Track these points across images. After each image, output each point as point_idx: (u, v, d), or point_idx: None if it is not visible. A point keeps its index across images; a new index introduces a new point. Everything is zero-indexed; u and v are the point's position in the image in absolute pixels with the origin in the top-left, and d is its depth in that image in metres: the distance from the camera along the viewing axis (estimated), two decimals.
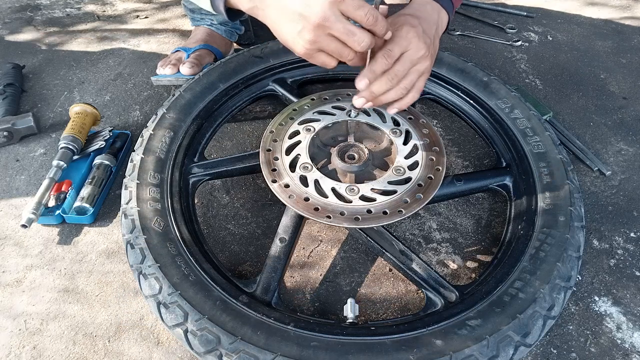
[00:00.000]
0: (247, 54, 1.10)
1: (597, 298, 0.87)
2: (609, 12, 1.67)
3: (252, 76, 1.08)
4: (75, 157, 1.06)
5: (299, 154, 0.88)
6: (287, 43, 0.75)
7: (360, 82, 0.79)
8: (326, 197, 0.82)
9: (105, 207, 1.02)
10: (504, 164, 0.98)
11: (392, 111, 0.87)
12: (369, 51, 0.77)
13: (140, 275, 0.74)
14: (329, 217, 0.79)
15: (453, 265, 0.92)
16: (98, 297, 0.87)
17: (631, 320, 0.84)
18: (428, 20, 0.86)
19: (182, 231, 0.80)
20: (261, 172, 0.86)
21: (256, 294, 0.77)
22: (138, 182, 0.84)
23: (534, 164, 0.91)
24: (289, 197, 0.82)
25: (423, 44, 0.79)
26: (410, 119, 0.95)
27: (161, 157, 0.89)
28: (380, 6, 0.77)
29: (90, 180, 1.01)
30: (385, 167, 0.92)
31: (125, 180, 0.86)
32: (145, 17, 1.66)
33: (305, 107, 0.97)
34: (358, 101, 0.82)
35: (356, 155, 0.91)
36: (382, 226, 0.84)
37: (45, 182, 0.98)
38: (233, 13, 0.86)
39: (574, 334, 0.82)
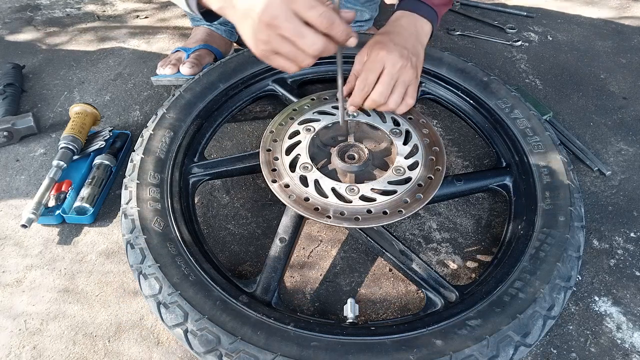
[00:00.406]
0: (247, 54, 1.10)
1: (597, 298, 0.87)
2: (609, 12, 1.67)
3: (252, 76, 1.08)
4: (75, 157, 1.06)
5: (299, 154, 0.88)
6: (247, 43, 0.72)
7: (349, 109, 0.89)
8: (326, 197, 0.82)
9: (105, 207, 1.02)
10: (504, 164, 0.98)
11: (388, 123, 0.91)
12: (339, 77, 0.78)
13: (140, 275, 0.74)
14: (329, 217, 0.79)
15: (453, 265, 0.92)
16: (98, 297, 0.87)
17: (631, 320, 0.84)
18: (402, 33, 0.89)
19: (182, 231, 0.80)
20: (261, 172, 0.86)
21: (256, 294, 0.77)
22: (138, 182, 0.84)
23: (534, 164, 0.91)
24: (289, 197, 0.82)
25: (398, 57, 0.82)
26: (410, 119, 0.95)
27: (161, 157, 0.89)
28: (345, 10, 0.71)
29: (90, 180, 1.01)
30: (385, 167, 0.92)
31: (125, 180, 0.86)
32: (145, 17, 1.66)
33: (305, 107, 0.97)
34: (351, 108, 0.89)
35: (356, 155, 0.91)
36: (382, 226, 0.84)
37: (45, 182, 0.98)
38: (208, 14, 0.83)
39: (574, 334, 0.82)
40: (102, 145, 1.09)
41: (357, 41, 0.70)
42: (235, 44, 1.43)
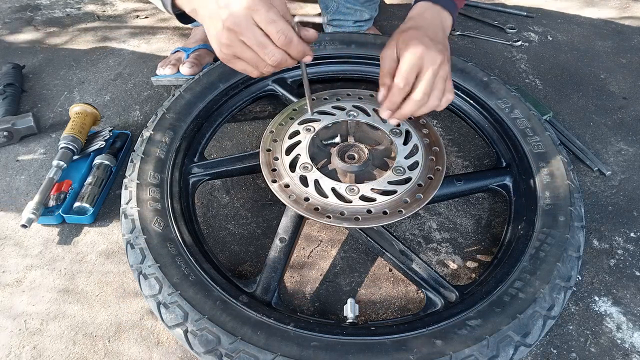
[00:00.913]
0: None
1: (597, 298, 0.87)
2: (609, 12, 1.67)
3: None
4: (75, 157, 1.06)
5: (299, 154, 0.88)
6: (212, 46, 0.74)
7: (383, 114, 0.82)
8: (326, 197, 0.82)
9: (105, 207, 1.02)
10: (504, 164, 0.98)
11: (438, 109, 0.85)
12: (306, 83, 0.79)
13: (140, 275, 0.74)
14: (329, 217, 0.79)
15: (453, 265, 0.92)
16: (98, 297, 0.87)
17: (631, 320, 0.84)
18: (431, 27, 0.85)
19: (182, 231, 0.80)
20: (261, 172, 0.86)
21: (256, 294, 0.77)
22: (138, 182, 0.84)
23: (534, 164, 0.91)
24: (289, 197, 0.82)
25: (436, 53, 0.78)
26: (410, 119, 0.95)
27: (161, 157, 0.89)
28: (307, 30, 0.74)
29: (90, 180, 1.01)
30: (385, 167, 0.92)
31: (125, 180, 0.86)
32: (145, 17, 1.66)
33: (306, 107, 0.97)
34: (392, 121, 0.84)
35: (356, 155, 0.91)
36: (382, 226, 0.84)
37: (45, 182, 0.98)
38: (182, 16, 0.84)
39: (574, 334, 0.82)
40: (102, 145, 1.09)
41: (311, 59, 0.75)
42: None
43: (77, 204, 0.98)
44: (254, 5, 0.66)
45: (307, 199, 0.81)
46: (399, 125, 0.93)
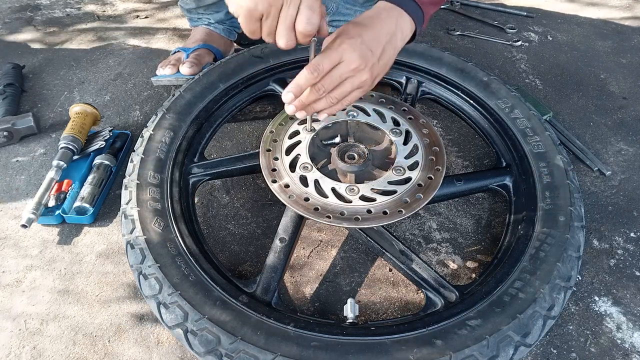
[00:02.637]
0: (247, 54, 1.10)
1: (597, 298, 0.87)
2: (609, 12, 1.67)
3: (252, 76, 1.07)
4: (75, 157, 1.06)
5: (299, 154, 0.88)
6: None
7: (285, 96, 0.76)
8: (326, 197, 0.82)
9: (105, 207, 1.02)
10: (504, 164, 0.98)
11: (321, 117, 0.81)
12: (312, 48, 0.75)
13: (140, 276, 0.74)
14: (329, 217, 0.79)
15: (453, 265, 0.92)
16: (98, 297, 0.87)
17: (631, 320, 0.84)
18: (377, 29, 0.78)
19: (182, 231, 0.80)
20: (261, 172, 0.86)
21: (256, 294, 0.77)
22: (138, 182, 0.84)
23: (534, 164, 0.91)
24: (289, 197, 0.82)
25: (357, 57, 0.73)
26: (410, 119, 0.95)
27: (161, 157, 0.89)
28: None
29: (90, 180, 1.01)
30: (385, 167, 0.92)
31: (125, 180, 0.86)
32: (145, 17, 1.66)
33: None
34: (288, 108, 0.78)
35: (356, 155, 0.91)
36: (382, 226, 0.84)
37: (45, 182, 0.98)
38: None
39: (574, 334, 0.82)
40: (102, 145, 1.09)
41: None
42: (235, 44, 1.43)
43: (77, 204, 0.98)
44: None
45: (307, 199, 0.81)
46: (398, 124, 0.93)
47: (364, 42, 0.75)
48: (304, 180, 0.84)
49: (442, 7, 1.65)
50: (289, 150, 0.89)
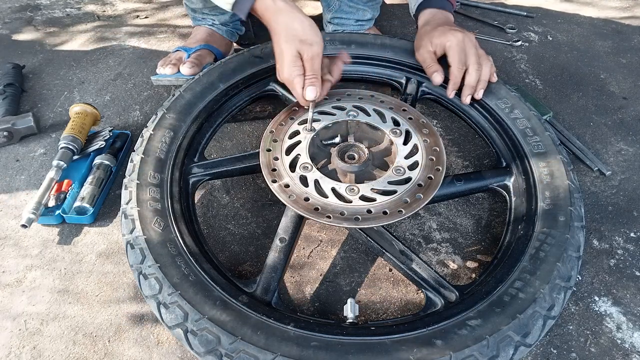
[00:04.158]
0: (247, 54, 1.10)
1: (597, 298, 0.87)
2: (609, 12, 1.67)
3: (252, 76, 1.07)
4: (75, 157, 1.06)
5: (299, 154, 0.88)
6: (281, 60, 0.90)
7: (451, 94, 1.03)
8: (326, 197, 0.82)
9: (105, 207, 1.02)
10: (504, 164, 0.98)
11: (494, 79, 1.03)
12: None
13: (140, 276, 0.74)
14: (329, 217, 0.79)
15: (453, 265, 0.92)
16: (98, 297, 0.87)
17: (631, 320, 0.84)
18: (447, 23, 1.06)
19: (182, 231, 0.80)
20: (261, 172, 0.86)
21: (256, 294, 0.77)
22: (138, 182, 0.84)
23: (534, 164, 0.91)
24: (289, 197, 0.81)
25: (466, 34, 0.98)
26: (410, 119, 0.95)
27: (161, 157, 0.89)
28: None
29: (90, 180, 1.01)
30: (385, 167, 0.92)
31: (125, 180, 0.86)
32: (145, 17, 1.66)
33: (306, 106, 0.97)
34: (466, 99, 1.02)
35: (356, 155, 0.91)
36: (382, 226, 0.84)
37: (45, 182, 0.98)
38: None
39: (574, 334, 0.82)
40: (102, 145, 1.09)
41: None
42: (235, 44, 1.43)
43: (77, 204, 0.98)
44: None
45: (307, 199, 0.81)
46: (398, 124, 0.93)
47: (455, 29, 1.00)
48: (304, 180, 0.84)
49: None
50: (289, 150, 0.89)
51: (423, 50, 1.03)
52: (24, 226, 0.91)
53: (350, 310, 0.76)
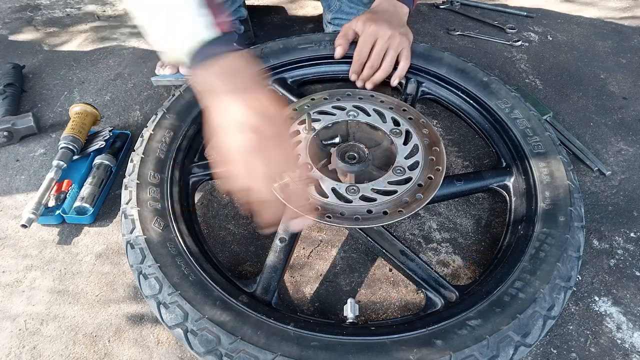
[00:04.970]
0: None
1: (597, 298, 0.87)
2: (609, 12, 1.67)
3: None
4: (75, 157, 1.06)
5: (299, 154, 0.88)
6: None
7: (351, 77, 1.08)
8: (326, 197, 0.82)
9: (105, 207, 1.02)
10: (504, 164, 0.98)
11: (393, 82, 1.07)
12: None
13: (140, 275, 0.74)
14: (329, 217, 0.79)
15: (453, 265, 0.92)
16: (98, 297, 0.87)
17: (631, 320, 0.84)
18: (385, 13, 1.06)
19: (182, 231, 0.80)
20: None
21: (256, 294, 0.77)
22: (138, 182, 0.84)
23: (534, 164, 0.91)
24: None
25: (387, 28, 1.00)
26: (410, 119, 0.95)
27: (161, 157, 0.89)
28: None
29: (90, 180, 1.01)
30: (385, 167, 0.92)
31: (125, 180, 0.86)
32: None
33: (306, 107, 0.97)
34: (358, 83, 1.07)
35: (356, 155, 0.91)
36: (382, 226, 0.84)
37: (45, 182, 0.98)
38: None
39: (574, 334, 0.82)
40: (102, 145, 1.09)
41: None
42: (235, 44, 1.43)
43: (77, 204, 0.98)
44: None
45: (307, 199, 0.81)
46: (398, 124, 0.93)
47: (384, 19, 1.02)
48: None
49: (442, 7, 1.65)
50: None
51: (346, 24, 1.08)
52: (23, 226, 0.91)
53: (350, 310, 0.76)
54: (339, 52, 1.08)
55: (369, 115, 0.95)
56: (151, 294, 0.72)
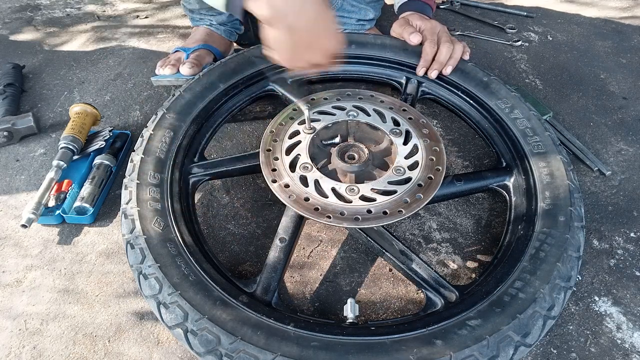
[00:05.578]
0: (247, 54, 1.10)
1: (597, 298, 0.87)
2: (609, 12, 1.67)
3: (252, 76, 1.08)
4: (75, 157, 1.06)
5: (299, 154, 0.88)
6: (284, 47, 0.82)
7: (420, 71, 1.09)
8: (326, 197, 0.82)
9: (105, 207, 1.02)
10: (504, 164, 0.98)
11: (466, 57, 1.11)
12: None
13: (140, 275, 0.74)
14: (329, 217, 0.79)
15: (453, 265, 0.92)
16: (98, 297, 0.87)
17: (631, 320, 0.84)
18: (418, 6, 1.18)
19: (182, 231, 0.80)
20: (261, 172, 0.86)
21: (256, 294, 0.77)
22: (138, 182, 0.84)
23: (534, 164, 0.91)
24: (289, 197, 0.82)
25: (437, 23, 1.11)
26: (410, 119, 0.95)
27: (161, 157, 0.89)
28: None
29: (90, 180, 1.01)
30: (385, 167, 0.92)
31: (125, 180, 0.86)
32: (145, 17, 1.66)
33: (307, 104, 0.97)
34: (432, 75, 1.08)
35: (356, 155, 0.91)
36: (382, 226, 0.84)
37: (45, 182, 0.98)
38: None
39: (574, 334, 0.82)
40: (102, 145, 1.09)
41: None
42: (235, 44, 1.43)
43: (77, 204, 0.98)
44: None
45: (307, 199, 0.81)
46: (398, 124, 0.93)
47: (439, 24, 1.11)
48: (304, 180, 0.84)
49: (442, 7, 1.66)
50: (289, 150, 0.89)
51: (397, 26, 1.14)
52: (24, 226, 0.91)
53: (350, 310, 0.76)
54: (417, 38, 1.09)
55: (369, 115, 0.95)
56: (151, 294, 0.72)
